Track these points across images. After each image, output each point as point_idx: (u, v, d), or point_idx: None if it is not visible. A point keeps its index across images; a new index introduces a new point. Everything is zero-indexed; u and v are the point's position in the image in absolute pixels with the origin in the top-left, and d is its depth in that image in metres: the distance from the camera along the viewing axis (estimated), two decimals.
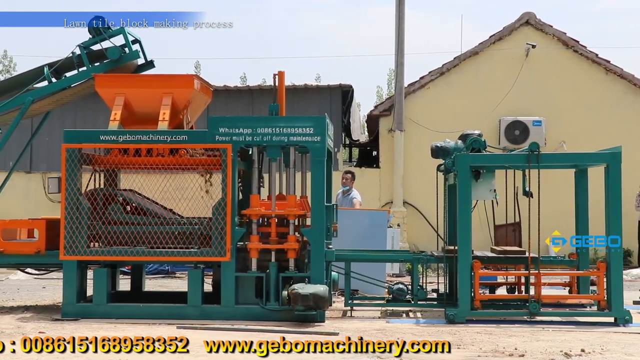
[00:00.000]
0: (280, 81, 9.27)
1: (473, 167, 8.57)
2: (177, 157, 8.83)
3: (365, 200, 15.89)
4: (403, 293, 9.08)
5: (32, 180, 17.08)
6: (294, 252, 8.49)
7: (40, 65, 9.80)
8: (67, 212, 8.56)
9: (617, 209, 8.29)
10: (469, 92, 16.81)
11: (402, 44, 16.83)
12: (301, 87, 17.04)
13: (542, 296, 8.43)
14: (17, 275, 13.43)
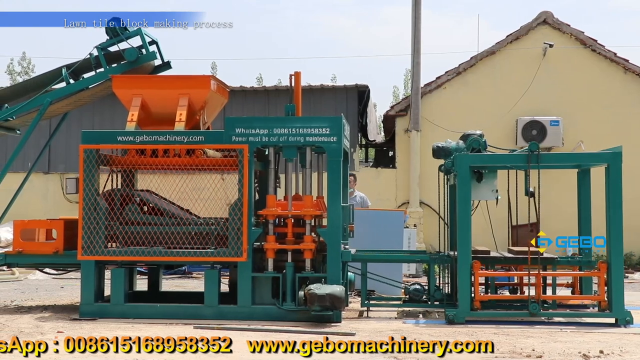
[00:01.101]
0: (297, 82, 9.28)
1: (473, 167, 8.55)
2: (194, 158, 8.86)
3: (381, 201, 15.91)
4: (419, 294, 9.06)
5: (50, 180, 17.20)
6: (310, 253, 8.50)
7: (59, 67, 9.87)
8: (84, 212, 8.61)
9: (617, 209, 8.24)
10: (486, 91, 16.74)
11: (418, 44, 16.79)
12: (317, 87, 17.04)
13: (543, 297, 8.38)
14: (36, 275, 13.53)
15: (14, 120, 9.99)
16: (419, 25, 16.80)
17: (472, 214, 8.86)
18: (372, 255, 9.31)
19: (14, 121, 10.01)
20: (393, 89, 45.07)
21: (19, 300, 10.45)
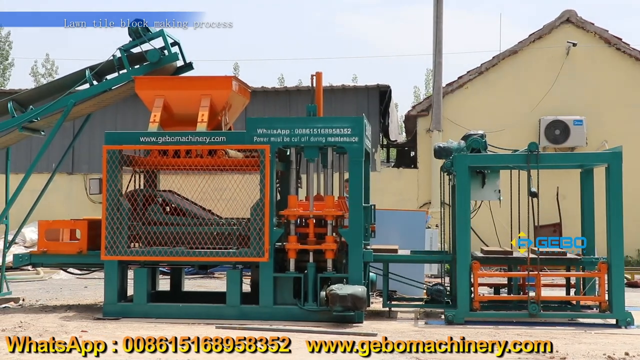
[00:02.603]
0: (318, 82, 9.28)
1: (472, 167, 8.50)
2: (216, 158, 8.89)
3: (403, 201, 15.87)
4: (441, 294, 9.02)
5: (74, 181, 17.35)
6: (332, 253, 8.49)
7: (82, 69, 9.96)
8: (108, 212, 8.67)
9: (618, 210, 8.18)
10: (508, 91, 16.64)
11: (440, 44, 16.73)
12: (339, 87, 17.04)
13: (542, 297, 8.33)
14: (60, 274, 13.65)
15: (38, 122, 10.09)
16: (441, 25, 16.75)
17: (474, 215, 8.83)
18: (393, 255, 9.28)
19: (38, 122, 10.11)
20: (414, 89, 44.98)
21: (43, 300, 10.55)
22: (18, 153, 14.86)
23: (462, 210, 8.44)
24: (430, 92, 17.95)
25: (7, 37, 37.54)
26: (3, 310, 9.37)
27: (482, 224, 9.69)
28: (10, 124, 9.97)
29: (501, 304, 8.90)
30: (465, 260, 8.36)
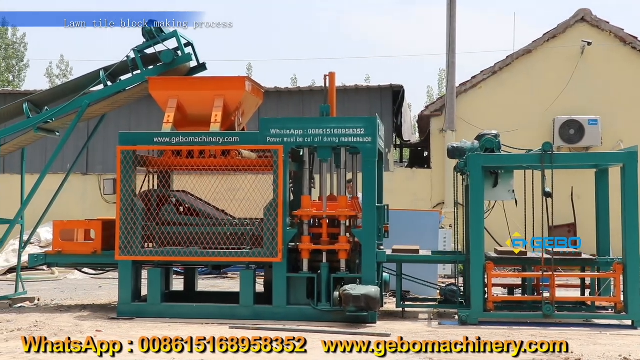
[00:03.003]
0: (331, 82, 9.28)
1: (486, 167, 8.47)
2: (229, 159, 8.91)
3: (416, 201, 15.83)
4: (455, 294, 9.00)
5: (88, 181, 17.43)
6: (345, 253, 8.49)
7: (96, 70, 10.01)
8: (122, 213, 8.71)
9: (633, 210, 8.12)
10: (522, 91, 16.56)
11: (453, 44, 16.67)
12: (352, 87, 17.02)
13: (557, 298, 8.29)
14: (75, 274, 13.72)
15: (53, 122, 10.15)
16: (454, 24, 16.69)
17: (488, 215, 8.79)
18: (407, 255, 9.27)
19: (53, 123, 10.17)
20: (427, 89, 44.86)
21: (58, 300, 10.61)
22: (33, 154, 14.96)
23: (476, 210, 8.41)
24: (444, 92, 17.90)
25: (23, 39, 37.80)
26: (19, 310, 9.43)
27: (496, 224, 9.65)
28: (26, 124, 10.04)
29: (515, 305, 8.87)
30: (479, 261, 8.34)
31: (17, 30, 37.28)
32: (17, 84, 35.93)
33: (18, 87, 34.06)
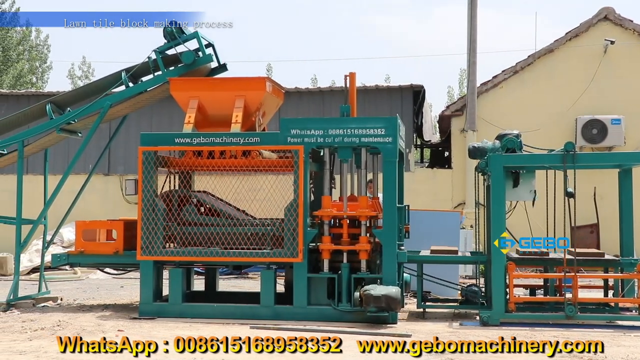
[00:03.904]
0: (352, 82, 9.27)
1: (507, 167, 8.41)
2: (250, 159, 8.92)
3: (437, 202, 15.76)
4: (476, 295, 8.95)
5: (110, 182, 17.55)
6: (366, 254, 8.47)
7: (118, 71, 10.07)
8: (143, 213, 8.75)
9: None
10: (544, 90, 16.43)
11: (474, 43, 16.59)
12: (372, 87, 16.99)
13: (580, 299, 8.21)
14: (97, 274, 13.83)
15: (75, 123, 10.23)
16: (475, 24, 16.61)
17: (510, 215, 8.73)
18: (428, 256, 9.24)
19: (75, 124, 10.25)
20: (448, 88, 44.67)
21: (81, 299, 10.70)
22: (56, 154, 15.11)
23: (497, 210, 8.36)
24: (465, 92, 17.82)
25: (46, 41, 38.19)
26: (42, 309, 9.52)
27: (517, 224, 9.58)
28: (49, 125, 10.13)
29: (537, 306, 8.80)
30: (500, 261, 8.28)
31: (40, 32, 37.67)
32: (40, 86, 36.29)
33: (41, 88, 34.38)
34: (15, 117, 10.69)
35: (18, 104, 16.91)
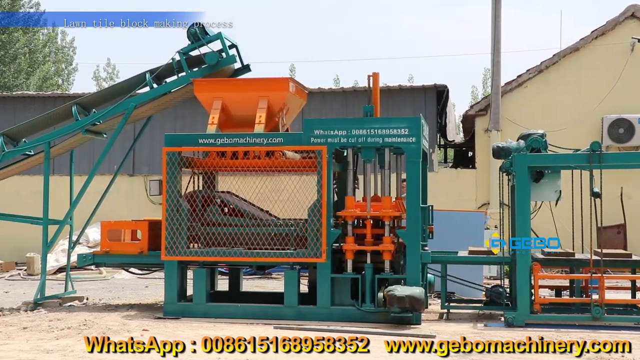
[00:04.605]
0: (375, 82, 9.25)
1: (532, 167, 8.34)
2: (273, 159, 8.93)
3: (461, 202, 15.68)
4: (501, 296, 8.89)
5: (134, 182, 17.67)
6: (390, 254, 8.45)
7: (142, 72, 10.13)
8: (167, 213, 8.80)
9: None
10: (569, 89, 16.28)
11: (498, 42, 16.49)
12: (395, 88, 16.94)
13: (606, 300, 8.12)
14: (122, 274, 13.93)
15: (100, 125, 10.31)
16: (499, 23, 16.50)
17: (534, 216, 8.65)
18: (452, 256, 9.19)
19: (100, 125, 10.32)
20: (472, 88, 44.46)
21: (106, 299, 10.79)
22: (81, 155, 15.24)
23: (522, 211, 8.30)
24: (488, 92, 17.70)
25: (72, 43, 38.59)
26: (68, 309, 9.61)
27: (542, 225, 9.51)
28: (74, 127, 10.22)
29: (563, 307, 8.72)
30: (525, 262, 8.22)
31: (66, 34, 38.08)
32: (66, 87, 36.68)
33: (67, 90, 34.74)
34: (42, 119, 10.80)
35: (44, 106, 17.10)
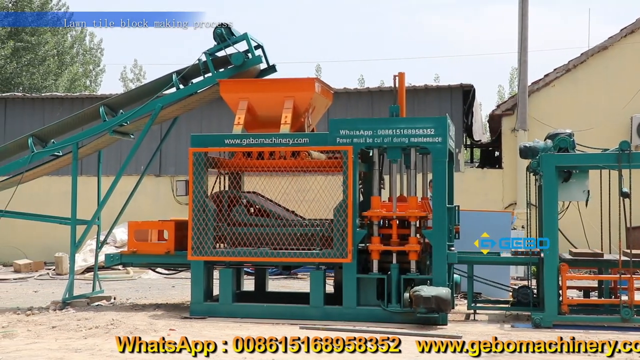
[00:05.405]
0: (401, 82, 9.22)
1: (559, 167, 8.25)
2: (299, 160, 8.94)
3: (488, 202, 15.59)
4: (528, 297, 8.82)
5: (161, 183, 17.78)
6: (416, 254, 8.41)
7: (169, 73, 10.19)
8: (194, 214, 8.84)
9: None
10: (598, 88, 16.11)
11: (525, 42, 16.36)
12: (421, 87, 16.88)
13: (636, 301, 8.01)
14: (149, 274, 14.03)
15: (128, 125, 10.38)
16: (526, 22, 16.37)
17: (562, 216, 8.56)
18: (478, 257, 9.13)
19: (128, 126, 10.40)
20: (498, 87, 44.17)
21: (133, 299, 10.87)
22: (109, 156, 15.37)
23: (550, 211, 8.22)
24: (515, 91, 17.58)
25: (100, 44, 38.97)
26: (96, 308, 9.70)
27: (570, 225, 9.41)
28: (102, 127, 10.31)
29: (591, 308, 8.62)
30: (553, 262, 8.14)
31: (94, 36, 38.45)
32: (93, 89, 37.05)
33: (94, 91, 35.08)
34: (70, 120, 10.91)
35: (72, 107, 17.29)
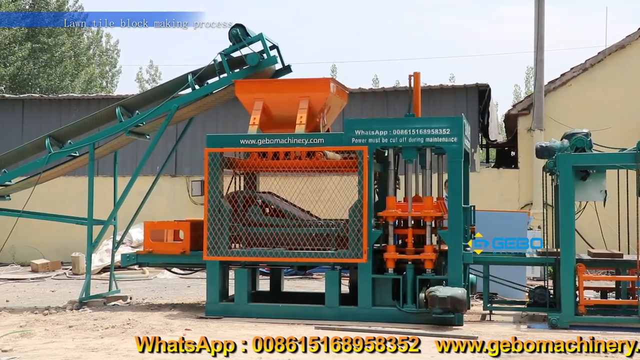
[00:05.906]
0: (416, 82, 9.20)
1: (576, 167, 8.20)
2: (314, 160, 8.93)
3: (504, 202, 15.51)
4: (544, 297, 8.77)
5: (177, 183, 17.83)
6: (431, 263, 8.38)
7: (184, 74, 10.23)
8: (209, 214, 8.86)
9: None
10: (615, 88, 15.97)
11: (541, 41, 16.26)
12: (436, 87, 16.83)
13: None
14: (164, 274, 14.07)
15: (144, 126, 10.43)
16: (542, 21, 16.27)
17: (579, 216, 8.51)
18: (494, 257, 9.08)
19: (144, 127, 10.45)
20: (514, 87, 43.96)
21: (149, 298, 10.91)
22: (125, 157, 15.43)
23: (566, 211, 8.17)
24: (531, 91, 17.50)
25: (116, 46, 39.19)
26: (112, 308, 9.75)
27: (587, 225, 9.36)
28: (118, 128, 10.36)
29: (608, 309, 8.56)
30: (569, 263, 8.09)
31: (110, 37, 38.67)
32: (110, 89, 37.24)
33: (111, 92, 35.27)
34: (87, 121, 10.97)
35: (89, 108, 17.38)
